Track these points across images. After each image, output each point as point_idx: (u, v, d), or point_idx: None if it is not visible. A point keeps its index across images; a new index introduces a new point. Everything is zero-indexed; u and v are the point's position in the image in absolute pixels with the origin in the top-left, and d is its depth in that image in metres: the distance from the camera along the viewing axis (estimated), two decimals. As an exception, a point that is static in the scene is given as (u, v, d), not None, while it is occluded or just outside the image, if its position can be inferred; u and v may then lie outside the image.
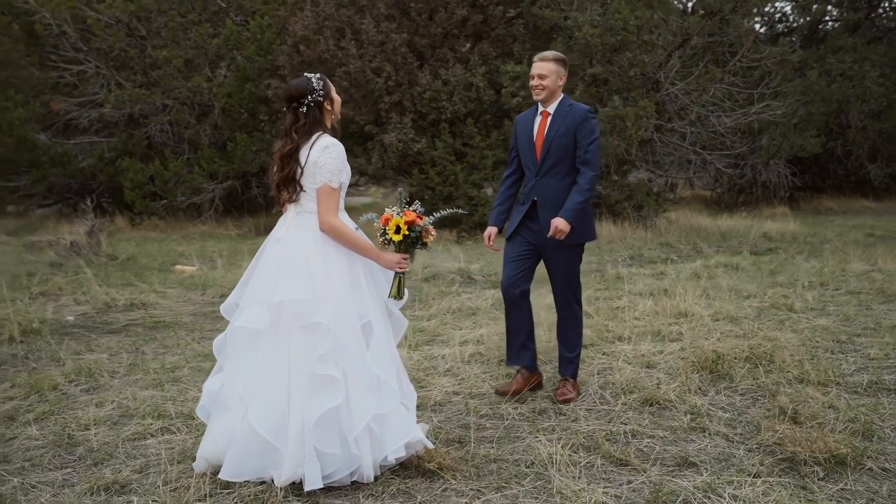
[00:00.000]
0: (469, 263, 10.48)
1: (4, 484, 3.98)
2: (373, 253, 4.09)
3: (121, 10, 16.36)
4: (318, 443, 3.77)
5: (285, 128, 4.10)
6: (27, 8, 16.99)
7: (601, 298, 8.26)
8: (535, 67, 5.08)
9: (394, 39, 13.78)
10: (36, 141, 16.66)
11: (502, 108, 14.01)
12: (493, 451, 4.41)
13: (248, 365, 3.92)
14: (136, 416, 4.95)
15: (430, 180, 13.69)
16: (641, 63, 13.29)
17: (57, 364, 6.17)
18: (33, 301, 8.50)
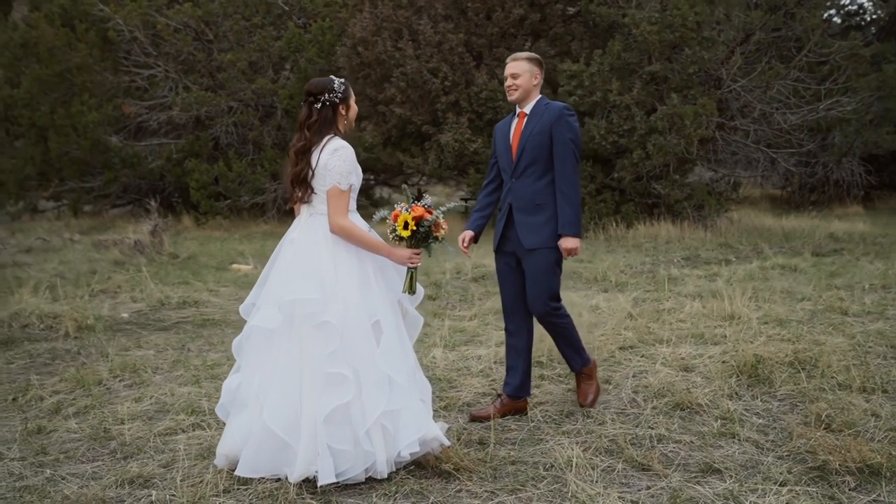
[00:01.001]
0: (520, 263, 10.44)
1: (37, 475, 4.14)
2: (384, 250, 4.13)
3: (189, 16, 16.81)
4: (331, 439, 3.84)
5: (299, 122, 4.20)
6: (102, 15, 17.59)
7: (647, 300, 8.14)
8: (507, 67, 4.94)
9: (450, 40, 13.81)
10: (108, 143, 17.25)
11: (559, 108, 13.89)
12: (513, 453, 4.40)
13: (263, 364, 4.03)
14: (171, 411, 5.09)
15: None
16: (701, 60, 13.02)
17: (105, 360, 6.38)
18: (93, 298, 8.80)
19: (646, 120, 13.07)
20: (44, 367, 6.27)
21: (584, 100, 13.37)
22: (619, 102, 13.18)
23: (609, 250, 12.02)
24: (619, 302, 7.93)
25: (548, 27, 14.37)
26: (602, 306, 7.82)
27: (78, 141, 17.32)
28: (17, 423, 4.98)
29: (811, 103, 14.85)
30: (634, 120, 13.07)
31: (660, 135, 12.98)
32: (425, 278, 9.63)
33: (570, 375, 5.74)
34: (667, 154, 13.05)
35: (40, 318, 7.58)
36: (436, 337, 6.87)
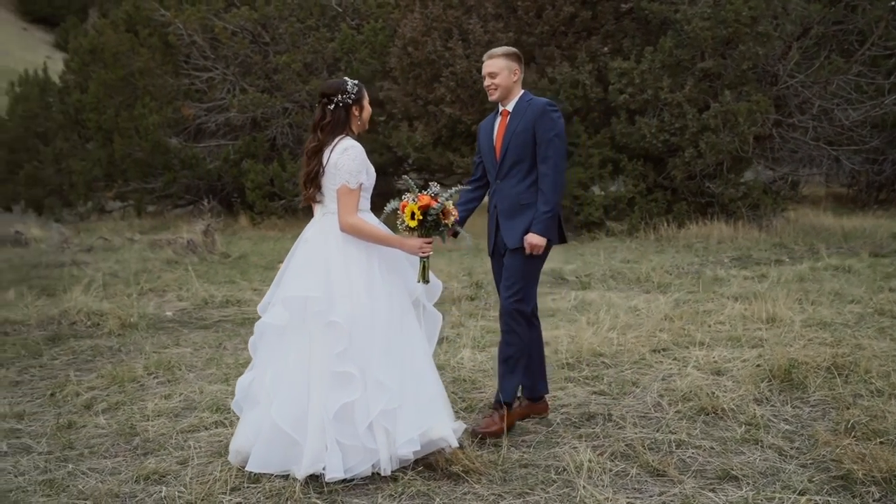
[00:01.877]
0: (564, 263, 10.36)
1: (60, 469, 4.27)
2: (395, 242, 4.19)
3: (245, 19, 17.12)
4: (340, 435, 3.90)
5: (313, 123, 4.29)
6: (163, 20, 18.05)
7: (689, 301, 7.99)
8: (484, 66, 4.74)
9: (500, 39, 13.76)
10: (168, 145, 17.69)
11: (610, 106, 13.74)
12: (526, 455, 4.37)
13: (275, 361, 4.12)
14: (197, 409, 5.20)
15: (536, 179, 13.59)
16: (755, 56, 12.71)
17: (143, 357, 6.54)
18: (142, 297, 9.04)
19: (698, 118, 12.83)
20: (84, 364, 6.47)
21: (634, 98, 13.19)
22: (671, 100, 12.96)
23: (658, 251, 11.84)
24: (659, 303, 7.81)
25: (599, 25, 14.22)
26: (641, 308, 7.70)
27: (140, 143, 17.82)
28: (51, 417, 5.15)
29: (874, 98, 14.35)
30: (686, 118, 12.83)
31: (712, 133, 12.72)
32: (467, 278, 9.63)
33: (597, 378, 5.69)
34: (719, 153, 12.78)
35: (87, 315, 7.82)
36: (467, 337, 6.86)
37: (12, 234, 14.80)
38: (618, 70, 13.33)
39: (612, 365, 5.98)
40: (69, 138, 22.88)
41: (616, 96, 13.35)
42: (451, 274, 9.92)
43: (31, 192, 24.87)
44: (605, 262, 10.50)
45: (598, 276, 9.62)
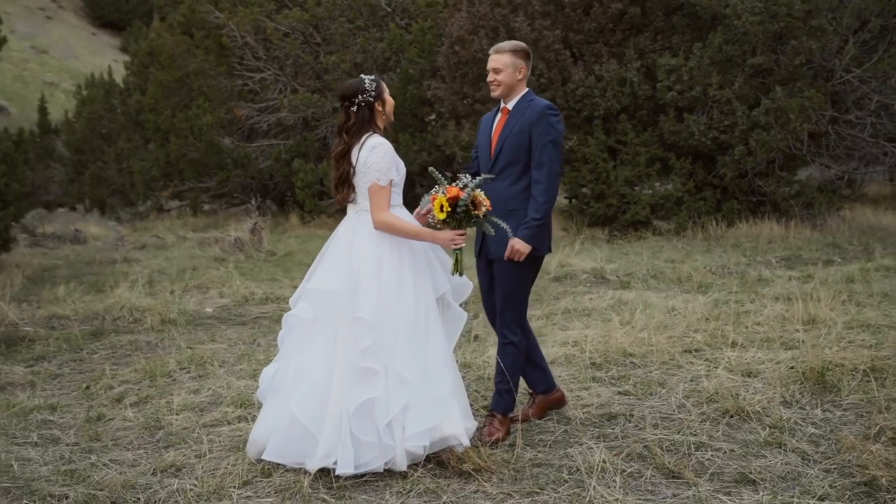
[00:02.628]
0: (607, 263, 10.25)
1: (83, 460, 4.39)
2: (427, 236, 4.22)
3: (296, 20, 17.33)
4: (358, 431, 3.94)
5: (338, 127, 4.34)
6: (217, 22, 18.39)
7: (729, 302, 7.82)
8: (489, 61, 4.61)
9: (547, 37, 13.66)
10: (221, 145, 18.03)
11: (658, 104, 13.53)
12: (540, 455, 4.35)
13: (300, 354, 4.19)
14: (222, 403, 5.28)
15: (582, 178, 13.48)
16: (809, 51, 12.37)
17: (178, 352, 6.68)
18: (185, 293, 9.22)
19: (748, 115, 12.54)
20: (122, 358, 6.63)
21: (683, 95, 12.95)
22: (720, 97, 12.70)
23: (706, 250, 11.63)
24: (698, 303, 7.66)
25: (648, 21, 14.01)
26: (678, 308, 7.57)
27: (194, 143, 18.20)
28: (83, 410, 5.30)
29: (936, 93, 13.83)
30: (736, 115, 12.56)
31: (763, 130, 12.42)
32: (507, 277, 9.58)
33: (623, 378, 5.62)
34: (770, 150, 12.47)
35: (130, 311, 8.01)
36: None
37: (72, 233, 15.25)
38: (666, 67, 13.11)
39: (640, 365, 5.90)
40: (131, 139, 23.49)
41: (664, 93, 13.14)
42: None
43: (96, 191, 25.60)
44: (649, 261, 10.36)
45: (639, 275, 9.49)
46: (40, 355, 6.72)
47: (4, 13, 54.21)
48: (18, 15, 54.65)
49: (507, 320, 4.59)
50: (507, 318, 4.58)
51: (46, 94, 40.72)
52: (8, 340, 7.13)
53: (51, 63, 50.93)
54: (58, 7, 57.53)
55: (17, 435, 4.85)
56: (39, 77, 48.33)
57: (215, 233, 14.31)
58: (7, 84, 46.30)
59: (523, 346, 4.70)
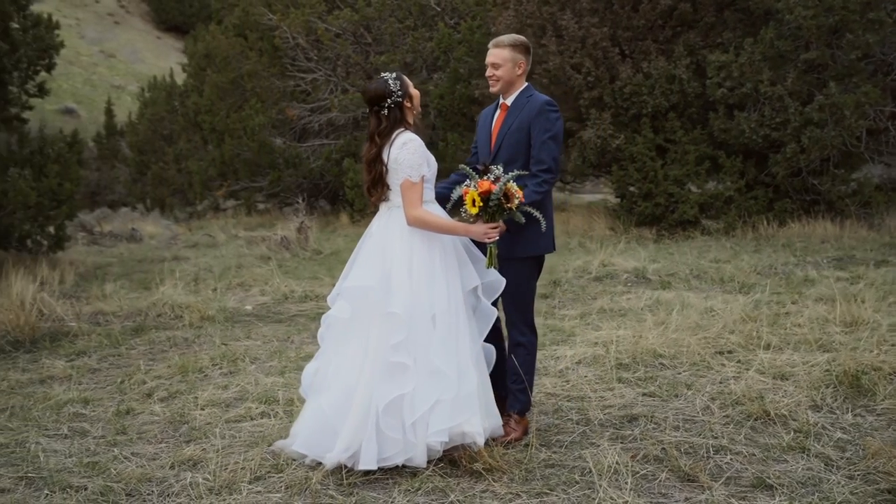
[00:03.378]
0: (650, 263, 10.10)
1: (107, 453, 4.50)
2: (461, 229, 4.24)
3: (346, 20, 17.49)
4: (385, 426, 3.96)
5: (369, 132, 4.34)
6: (270, 24, 18.66)
7: (770, 303, 7.65)
8: (488, 55, 4.53)
9: (594, 34, 13.53)
10: (273, 145, 18.29)
11: (708, 101, 13.27)
12: (555, 455, 4.31)
13: (339, 351, 4.24)
14: (248, 399, 5.36)
15: (629, 177, 13.31)
16: (866, 45, 11.99)
17: (212, 349, 6.80)
18: (228, 291, 9.38)
19: (800, 111, 12.22)
20: (159, 354, 6.78)
21: (733, 92, 12.68)
22: (772, 93, 12.39)
23: (755, 250, 11.37)
24: (738, 304, 7.50)
25: (699, 17, 13.76)
26: (717, 308, 7.42)
27: (247, 143, 18.49)
28: (114, 404, 5.43)
29: None
30: (788, 112, 12.25)
31: (816, 127, 12.09)
32: (547, 276, 9.51)
33: (650, 379, 5.53)
34: (824, 148, 12.13)
35: (172, 308, 8.18)
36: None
37: (129, 231, 15.65)
38: (716, 63, 12.86)
39: (669, 366, 5.81)
40: (191, 139, 24.01)
41: (714, 90, 12.89)
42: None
43: (157, 190, 26.23)
44: (693, 261, 10.18)
45: (681, 275, 9.33)
46: (81, 350, 6.90)
47: (75, 19, 55.98)
48: (89, 21, 56.35)
49: (515, 321, 4.56)
50: (515, 318, 4.55)
51: (113, 97, 41.85)
52: (53, 335, 7.36)
53: (118, 67, 52.34)
54: (125, 13, 59.12)
55: (48, 427, 5.00)
56: (107, 80, 49.69)
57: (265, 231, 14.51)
58: (77, 87, 47.74)
59: (534, 346, 4.67)
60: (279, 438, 4.57)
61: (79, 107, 44.73)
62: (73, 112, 44.29)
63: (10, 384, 5.99)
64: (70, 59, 50.86)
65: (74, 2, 57.23)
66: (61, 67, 48.15)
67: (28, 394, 5.73)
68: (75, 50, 51.75)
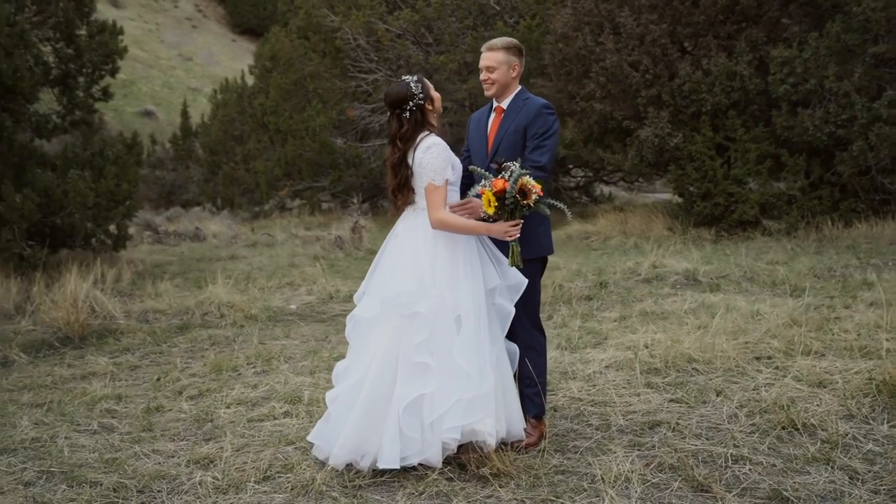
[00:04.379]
0: (703, 264, 9.86)
1: (128, 449, 4.61)
2: (482, 229, 4.24)
3: (406, 21, 17.57)
4: (405, 426, 3.98)
5: (391, 135, 4.35)
6: (332, 26, 18.88)
7: (821, 307, 7.38)
8: (482, 58, 4.49)
9: (653, 31, 13.28)
10: (334, 145, 18.51)
11: (771, 98, 12.88)
12: (567, 461, 4.24)
13: (364, 350, 4.28)
14: (274, 399, 5.42)
15: (688, 176, 13.02)
16: (938, 37, 11.49)
17: (250, 348, 6.90)
18: (277, 290, 9.52)
19: (868, 108, 11.75)
20: (198, 352, 6.92)
21: (797, 88, 12.28)
22: (837, 89, 11.95)
23: (816, 251, 10.98)
24: (786, 308, 7.26)
25: (762, 12, 13.37)
26: (764, 312, 7.20)
27: (310, 143, 18.76)
28: (146, 401, 5.56)
29: None
30: (854, 108, 11.79)
31: (885, 124, 11.61)
32: (595, 277, 9.39)
33: (680, 385, 5.40)
34: (894, 145, 11.63)
35: (217, 307, 8.34)
36: (562, 338, 6.72)
37: (193, 230, 16.03)
38: (779, 59, 12.47)
39: (702, 372, 5.65)
40: (261, 140, 24.51)
41: (777, 87, 12.50)
42: (579, 272, 9.72)
43: (228, 190, 26.86)
44: (749, 263, 9.89)
45: (733, 277, 9.08)
46: (126, 347, 7.10)
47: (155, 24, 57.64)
48: (167, 25, 58.00)
49: (524, 323, 4.51)
50: (524, 321, 4.50)
51: (189, 99, 42.95)
52: (102, 332, 7.58)
53: (195, 69, 53.71)
54: (202, 16, 60.64)
55: (80, 422, 5.14)
56: (184, 83, 51.01)
57: (320, 231, 14.68)
58: (156, 90, 49.15)
59: (543, 347, 4.63)
60: (297, 438, 4.62)
61: (157, 109, 46.05)
62: (151, 114, 45.64)
63: (54, 379, 6.20)
64: (150, 62, 52.47)
65: (154, 7, 58.98)
66: (141, 71, 49.77)
67: (68, 389, 5.91)
68: (154, 54, 53.37)
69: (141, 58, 51.71)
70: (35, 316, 7.84)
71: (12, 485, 4.15)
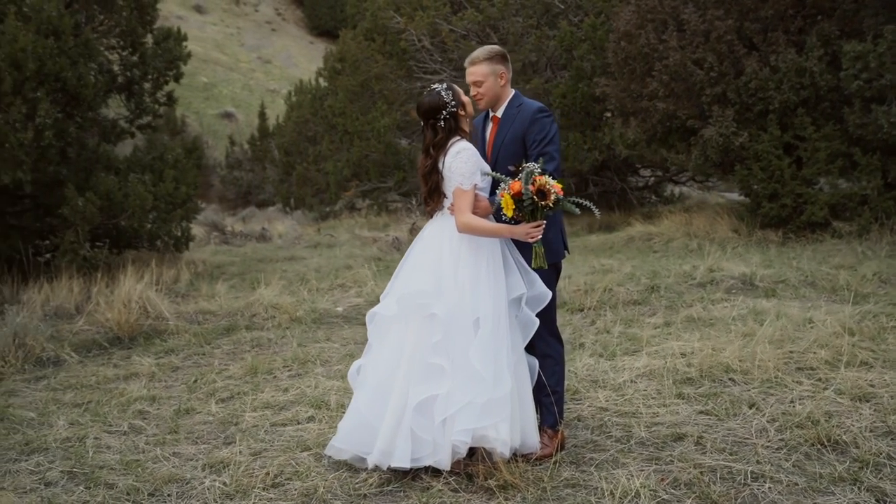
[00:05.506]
0: (763, 268, 9.53)
1: (151, 451, 4.70)
2: (506, 231, 4.24)
3: (470, 21, 17.53)
4: (416, 426, 4.00)
5: (425, 145, 4.40)
6: (397, 27, 18.98)
7: (880, 315, 7.03)
8: (467, 75, 4.43)
9: (719, 27, 12.89)
10: (398, 146, 18.62)
11: (843, 94, 12.35)
12: (579, 475, 4.14)
13: (382, 349, 4.32)
14: (301, 403, 5.45)
15: (754, 176, 12.59)
16: None
17: (290, 350, 6.97)
18: (328, 292, 9.60)
19: (946, 103, 11.18)
20: (239, 355, 7.02)
21: (871, 84, 11.74)
22: (914, 85, 11.40)
23: (889, 255, 10.47)
24: (842, 316, 6.94)
25: (835, 4, 12.83)
26: (817, 320, 6.89)
27: (375, 145, 18.91)
28: (178, 403, 5.66)
29: None
30: (932, 104, 11.24)
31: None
32: (647, 281, 9.16)
33: (712, 396, 5.22)
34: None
35: (266, 308, 8.46)
36: (601, 345, 6.57)
37: (259, 231, 16.34)
38: (852, 53, 11.94)
39: (739, 382, 5.45)
40: (333, 140, 24.85)
41: (850, 83, 11.97)
42: (632, 275, 9.51)
43: (301, 190, 27.34)
44: (813, 267, 9.50)
45: (792, 282, 8.74)
46: (170, 349, 7.26)
47: (236, 28, 59.01)
48: (248, 29, 59.39)
49: (540, 331, 4.40)
50: (539, 330, 4.39)
51: (267, 101, 43.93)
52: (150, 333, 7.78)
53: (274, 72, 54.85)
54: (282, 20, 61.88)
55: (112, 423, 5.27)
56: (263, 85, 52.14)
57: (381, 233, 14.76)
58: (236, 92, 50.38)
59: (561, 356, 4.56)
60: (314, 444, 4.64)
61: (237, 111, 47.19)
62: (231, 116, 46.80)
63: (98, 379, 6.38)
64: (230, 65, 53.79)
65: (236, 11, 60.44)
66: (222, 74, 51.02)
67: (109, 389, 6.07)
68: (235, 57, 54.69)
69: (222, 61, 53.11)
70: (91, 316, 8.08)
71: (34, 484, 4.28)
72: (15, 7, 9.12)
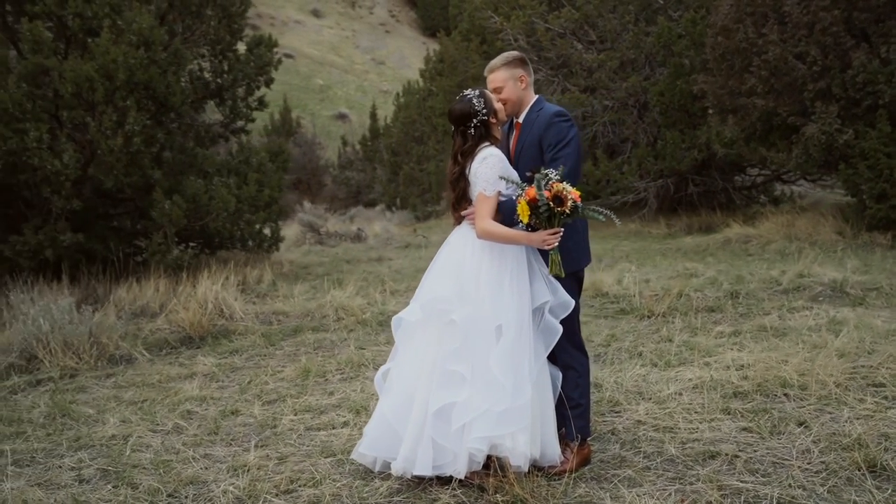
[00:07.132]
0: (858, 274, 8.97)
1: (184, 452, 4.82)
2: (523, 238, 4.17)
3: (567, 19, 17.28)
4: (436, 433, 3.99)
5: (454, 151, 4.39)
6: (494, 28, 18.92)
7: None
8: (488, 83, 4.35)
9: (824, 18, 12.22)
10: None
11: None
12: (595, 492, 3.99)
13: (406, 354, 4.31)
14: (341, 408, 5.49)
15: (860, 176, 11.86)
16: None
17: (347, 353, 7.03)
18: (403, 294, 9.63)
19: None
20: (299, 356, 7.11)
21: None
22: None
23: None
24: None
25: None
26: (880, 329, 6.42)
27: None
28: (226, 404, 5.79)
29: None
30: None
31: None
32: (729, 287, 8.78)
33: (760, 412, 4.93)
34: None
35: (336, 310, 8.57)
36: (656, 354, 6.33)
37: (354, 231, 16.61)
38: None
39: (794, 398, 5.13)
40: (440, 141, 25.05)
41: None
42: (714, 280, 9.14)
43: (407, 190, 27.72)
44: (915, 273, 8.89)
45: (886, 290, 8.18)
46: (236, 349, 7.45)
47: (352, 31, 60.28)
48: (363, 31, 60.58)
49: (561, 343, 4.28)
50: (561, 341, 4.27)
51: (379, 102, 44.68)
52: (219, 333, 8.00)
53: (387, 73, 55.71)
54: (396, 21, 62.80)
55: (158, 422, 5.44)
56: (377, 86, 53.08)
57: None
58: (350, 94, 51.51)
59: (585, 368, 4.42)
60: (340, 450, 4.66)
61: (350, 112, 48.27)
62: (345, 117, 47.90)
63: (160, 378, 6.61)
64: (345, 67, 55.04)
65: (351, 15, 61.80)
66: (337, 76, 52.21)
67: (166, 388, 6.28)
68: (350, 59, 55.93)
69: (337, 63, 54.40)
70: (170, 316, 8.39)
71: (69, 481, 4.46)
72: (110, 21, 9.56)
